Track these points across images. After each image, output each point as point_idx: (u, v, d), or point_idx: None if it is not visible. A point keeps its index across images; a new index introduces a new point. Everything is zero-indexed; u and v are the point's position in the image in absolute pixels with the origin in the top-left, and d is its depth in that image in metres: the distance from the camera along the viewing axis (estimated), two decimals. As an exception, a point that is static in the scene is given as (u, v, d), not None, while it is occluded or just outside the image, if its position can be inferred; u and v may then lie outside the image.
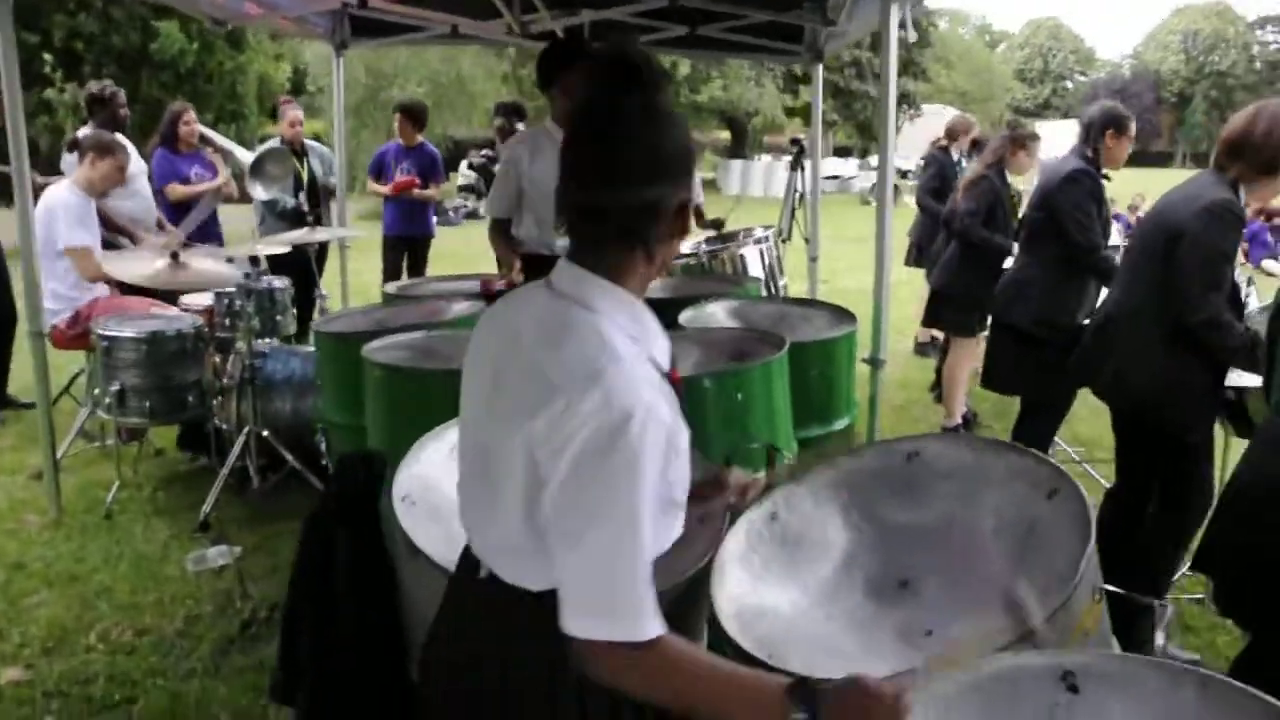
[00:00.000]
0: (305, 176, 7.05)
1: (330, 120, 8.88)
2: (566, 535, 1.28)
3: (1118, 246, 5.54)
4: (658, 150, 1.37)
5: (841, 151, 40.41)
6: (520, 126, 7.28)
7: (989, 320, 6.06)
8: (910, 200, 8.82)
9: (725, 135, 37.59)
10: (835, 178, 30.68)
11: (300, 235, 5.29)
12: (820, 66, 7.19)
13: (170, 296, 5.25)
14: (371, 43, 7.29)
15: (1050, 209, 4.25)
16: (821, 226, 7.79)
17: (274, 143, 6.97)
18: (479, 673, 1.44)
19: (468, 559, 1.55)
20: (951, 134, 7.60)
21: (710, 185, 31.12)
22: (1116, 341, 3.37)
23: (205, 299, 5.12)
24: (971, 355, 5.82)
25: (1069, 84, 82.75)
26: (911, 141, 43.38)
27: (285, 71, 18.05)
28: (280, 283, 4.91)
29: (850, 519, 2.18)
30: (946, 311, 5.95)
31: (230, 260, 4.73)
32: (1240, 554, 2.47)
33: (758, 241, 6.41)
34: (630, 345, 1.35)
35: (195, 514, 4.41)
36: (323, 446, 4.68)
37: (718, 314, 4.19)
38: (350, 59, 7.31)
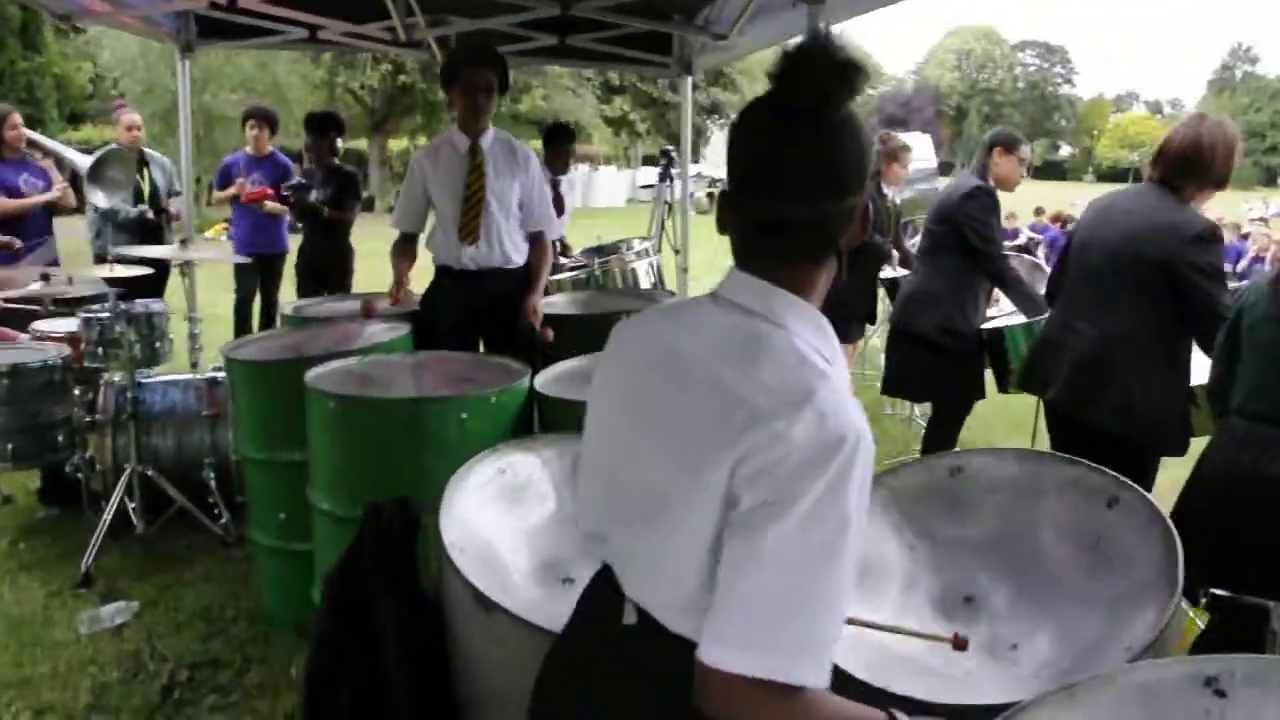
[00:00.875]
0: (146, 188, 6.47)
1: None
2: (750, 557, 1.14)
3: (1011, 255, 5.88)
4: (863, 156, 1.26)
5: (650, 160, 41.10)
6: (340, 143, 6.72)
7: (868, 327, 6.28)
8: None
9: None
10: (649, 186, 31.08)
11: (169, 251, 4.82)
12: (689, 79, 7.19)
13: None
14: (221, 45, 6.78)
15: (952, 223, 4.42)
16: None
17: (114, 145, 6.36)
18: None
19: (597, 607, 1.40)
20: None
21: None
22: (1115, 371, 3.24)
23: (62, 325, 4.61)
24: (849, 362, 5.98)
25: (859, 97, 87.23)
26: (723, 150, 44.79)
27: (87, 73, 16.60)
28: (158, 306, 4.47)
29: (904, 538, 2.14)
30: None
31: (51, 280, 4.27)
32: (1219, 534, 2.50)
33: (641, 255, 6.40)
34: (825, 364, 1.24)
35: (71, 567, 3.94)
36: (212, 483, 4.32)
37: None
38: (152, 62, 6.80)
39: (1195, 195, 3.19)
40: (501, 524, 2.16)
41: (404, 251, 4.11)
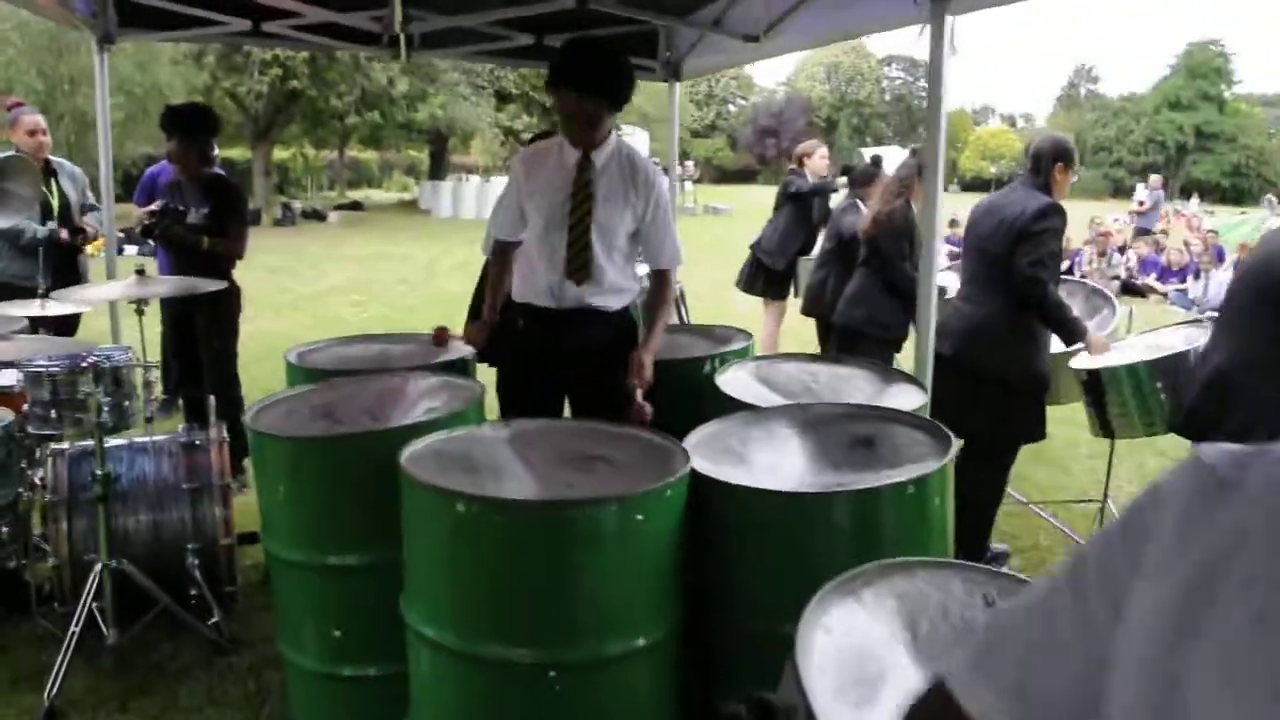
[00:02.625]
0: (56, 202, 5.48)
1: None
2: None
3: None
4: None
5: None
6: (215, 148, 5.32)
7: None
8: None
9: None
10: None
11: (122, 290, 3.93)
12: (678, 85, 6.61)
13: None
14: (146, 36, 5.85)
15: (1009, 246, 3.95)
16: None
17: (12, 151, 5.32)
18: None
19: None
20: (797, 158, 7.44)
21: (411, 207, 29.82)
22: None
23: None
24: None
25: (732, 107, 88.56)
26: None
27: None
28: (122, 355, 3.61)
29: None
30: (863, 349, 5.54)
31: None
32: None
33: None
34: None
35: (28, 696, 3.07)
36: (197, 573, 3.49)
37: (741, 377, 3.49)
38: (15, 60, 5.80)
39: None
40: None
41: (503, 266, 3.41)
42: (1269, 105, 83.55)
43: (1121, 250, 15.42)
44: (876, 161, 6.42)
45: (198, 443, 3.64)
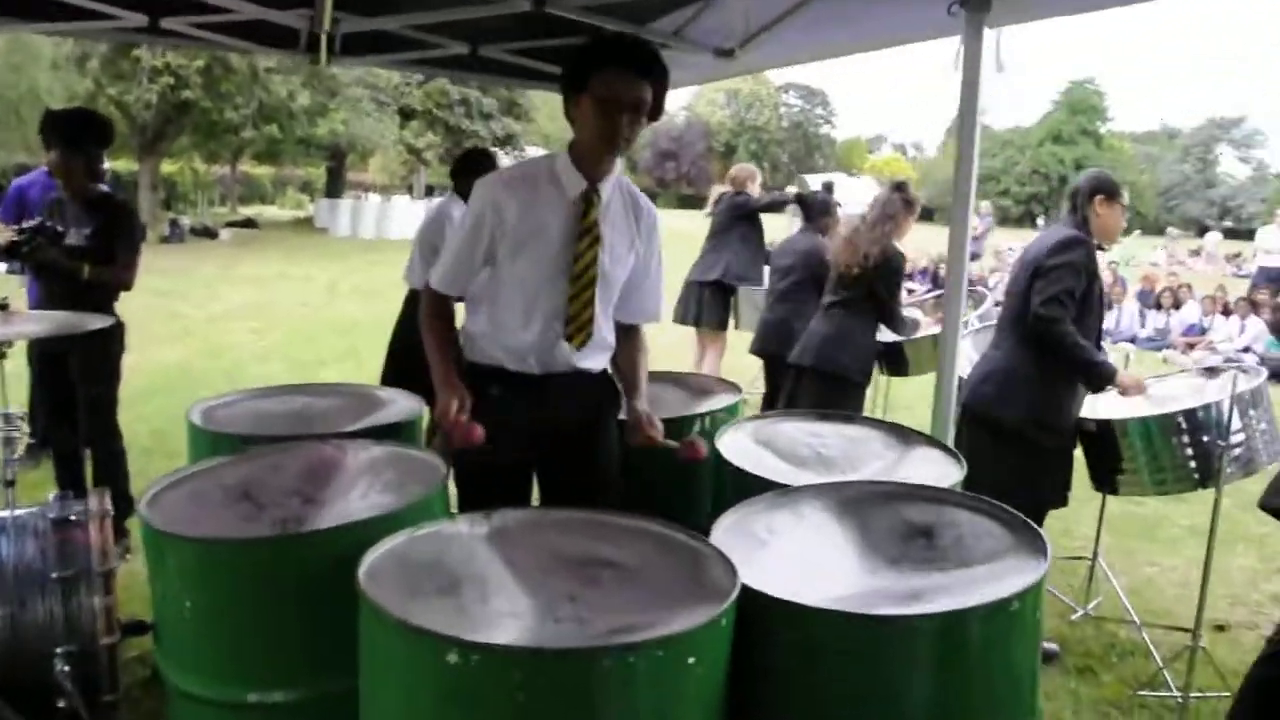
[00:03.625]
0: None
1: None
2: None
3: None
4: None
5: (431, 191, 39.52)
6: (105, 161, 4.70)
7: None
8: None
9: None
10: (449, 218, 29.46)
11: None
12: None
13: None
14: (18, 26, 5.08)
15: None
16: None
17: None
18: None
19: None
20: (737, 182, 7.04)
21: (306, 225, 28.60)
22: None
23: None
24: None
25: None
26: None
27: None
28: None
29: None
30: (847, 396, 5.08)
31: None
32: None
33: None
34: None
35: None
36: (68, 682, 2.79)
37: (741, 441, 2.98)
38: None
39: None
40: None
41: (448, 324, 2.69)
42: (1138, 142, 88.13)
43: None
44: (829, 189, 6.04)
45: (72, 517, 2.94)
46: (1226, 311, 12.11)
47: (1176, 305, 12.72)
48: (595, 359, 2.66)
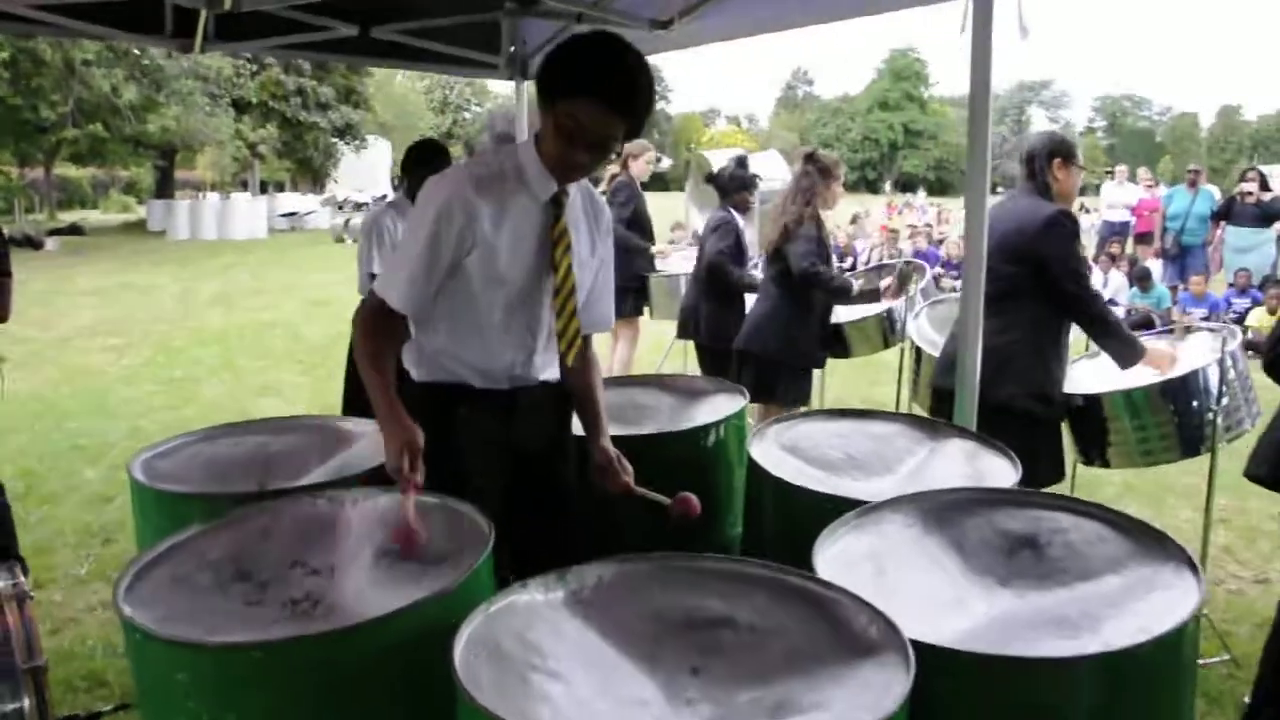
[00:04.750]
0: None
1: None
2: None
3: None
4: None
5: (281, 187, 37.68)
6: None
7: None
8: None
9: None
10: (292, 214, 28.15)
11: None
12: (525, 84, 5.71)
13: None
14: None
15: (1033, 262, 3.43)
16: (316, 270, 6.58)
17: None
18: None
19: None
20: (631, 157, 6.71)
21: (138, 228, 26.75)
22: None
23: None
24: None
25: (467, 114, 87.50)
26: (357, 171, 41.93)
27: None
28: None
29: None
30: (781, 380, 4.87)
31: None
32: None
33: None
34: None
35: None
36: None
37: (768, 449, 2.71)
38: None
39: None
40: None
41: (393, 340, 2.26)
42: (958, 106, 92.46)
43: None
44: (743, 163, 5.82)
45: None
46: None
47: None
48: (555, 369, 2.38)
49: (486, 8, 5.27)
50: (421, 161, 4.21)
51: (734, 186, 5.59)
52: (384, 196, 30.78)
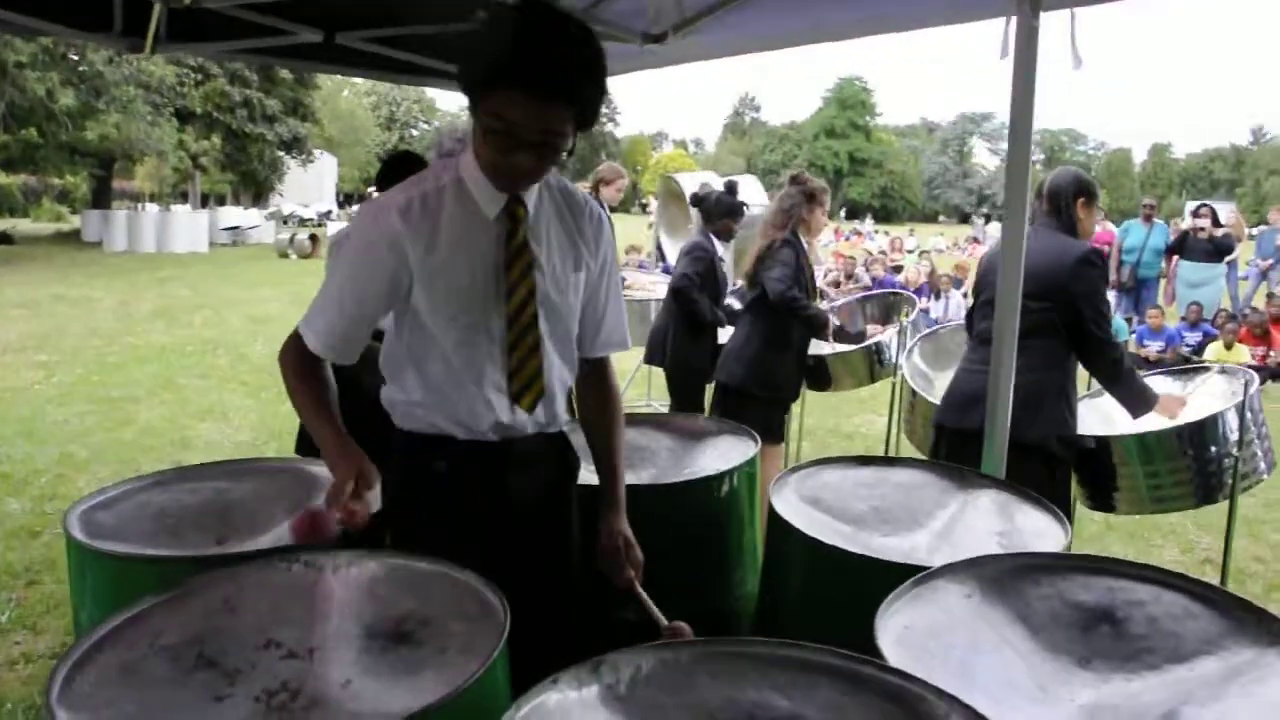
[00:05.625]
0: None
1: None
2: None
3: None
4: None
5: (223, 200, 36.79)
6: None
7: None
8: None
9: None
10: (234, 228, 27.40)
11: None
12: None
13: None
14: None
15: (1064, 299, 3.28)
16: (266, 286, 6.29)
17: None
18: None
19: None
20: (603, 182, 6.49)
21: (72, 239, 25.84)
22: None
23: None
24: (777, 467, 4.60)
25: (415, 131, 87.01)
26: (302, 186, 41.16)
27: None
28: None
29: None
30: (750, 412, 4.64)
31: None
32: None
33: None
34: None
35: None
36: None
37: (788, 500, 2.47)
38: None
39: None
40: None
41: (323, 391, 1.97)
42: (901, 135, 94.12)
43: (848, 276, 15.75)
44: (732, 189, 5.61)
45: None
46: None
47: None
48: (558, 409, 2.07)
49: (459, 16, 5.01)
50: (400, 176, 3.91)
51: (720, 212, 5.38)
52: (329, 212, 30.32)
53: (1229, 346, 9.96)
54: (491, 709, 1.49)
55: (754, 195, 13.07)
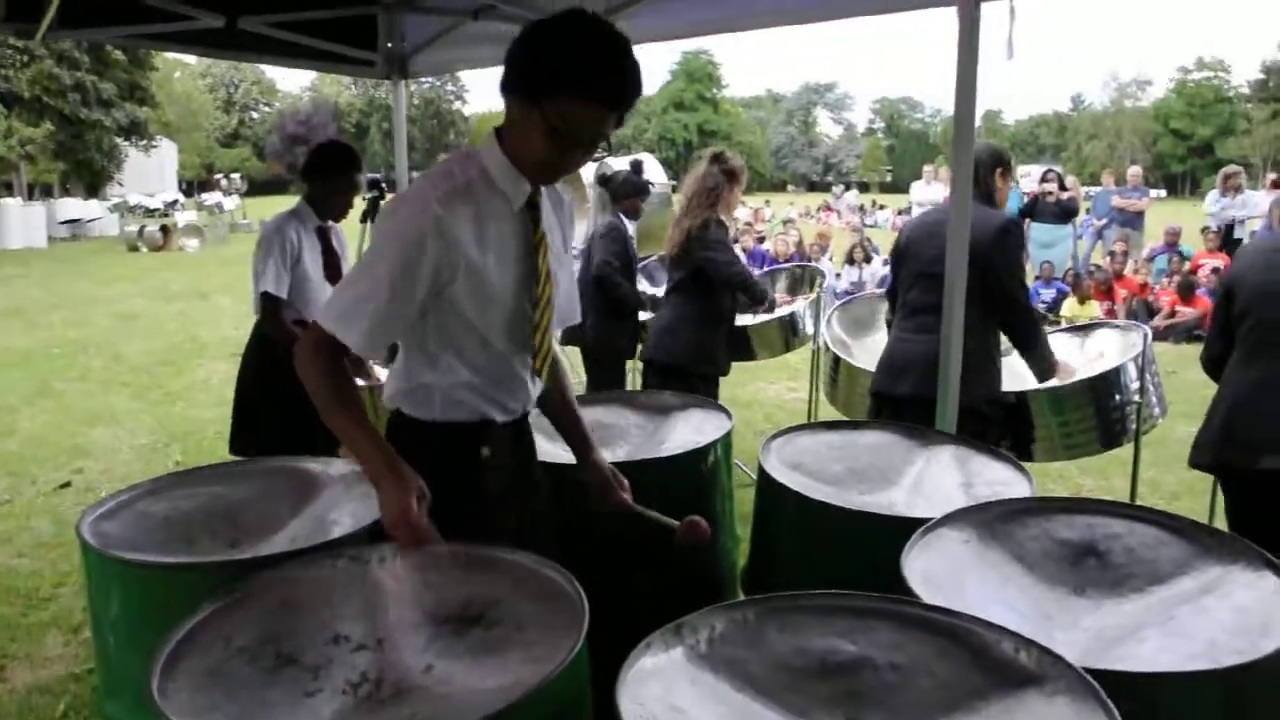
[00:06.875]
0: None
1: None
2: None
3: None
4: None
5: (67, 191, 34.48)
6: None
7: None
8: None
9: None
10: (74, 221, 25.76)
11: None
12: (403, 84, 5.40)
13: None
14: None
15: (983, 267, 3.49)
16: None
17: None
18: None
19: None
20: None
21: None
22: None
23: None
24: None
25: (255, 114, 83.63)
26: (143, 174, 38.91)
27: None
28: None
29: None
30: (682, 388, 4.79)
31: None
32: None
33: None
34: None
35: None
36: None
37: (775, 466, 2.62)
38: None
39: None
40: None
41: (359, 401, 2.01)
42: (747, 107, 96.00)
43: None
44: (638, 169, 5.72)
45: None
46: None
47: (867, 259, 13.70)
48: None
49: (364, 1, 4.97)
50: (332, 169, 3.86)
51: (626, 191, 5.49)
52: (175, 202, 28.82)
53: (1083, 301, 10.68)
54: (582, 679, 1.59)
55: (655, 174, 13.16)
